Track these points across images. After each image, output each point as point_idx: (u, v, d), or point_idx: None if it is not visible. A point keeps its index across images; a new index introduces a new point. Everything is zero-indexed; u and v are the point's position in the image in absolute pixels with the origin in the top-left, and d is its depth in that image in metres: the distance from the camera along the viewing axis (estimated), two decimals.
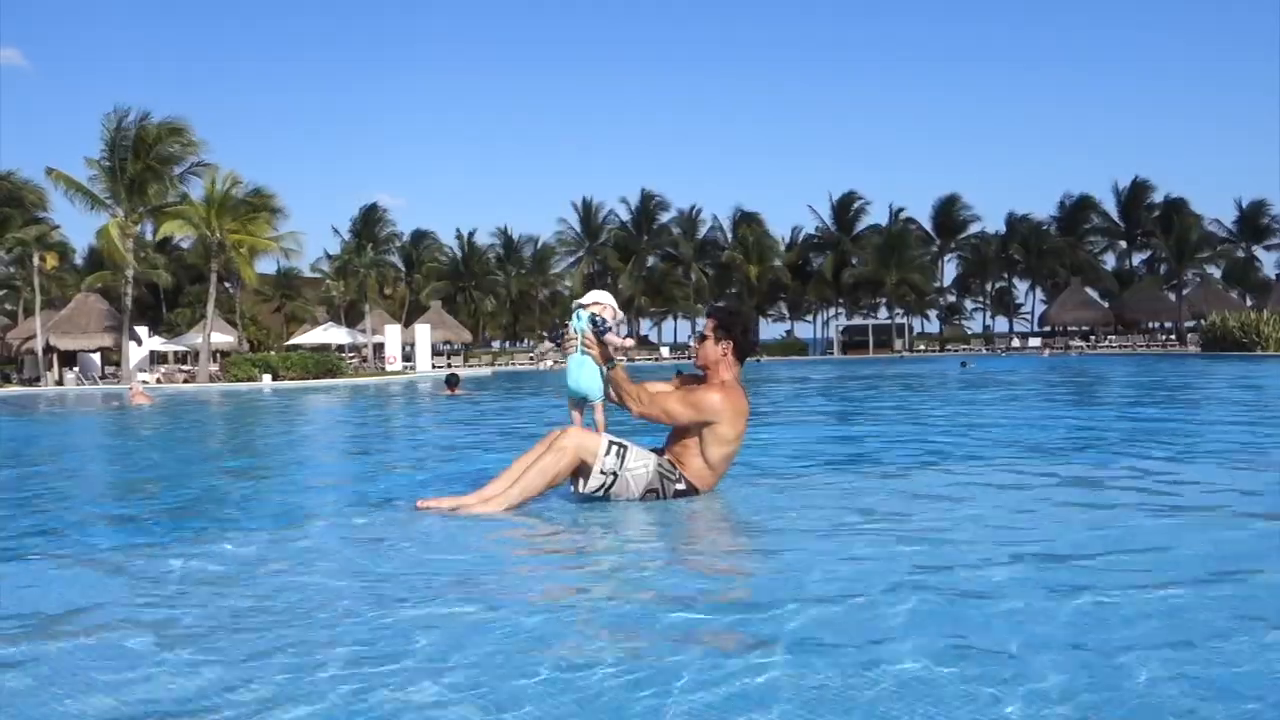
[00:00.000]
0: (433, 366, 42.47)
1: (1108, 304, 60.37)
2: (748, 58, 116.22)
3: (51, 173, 35.63)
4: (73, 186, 35.35)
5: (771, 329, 69.76)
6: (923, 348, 61.34)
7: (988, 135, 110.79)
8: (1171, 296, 59.45)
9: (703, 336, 4.59)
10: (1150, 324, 59.62)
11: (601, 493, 4.37)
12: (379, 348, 45.27)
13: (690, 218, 65.50)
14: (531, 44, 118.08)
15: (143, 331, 40.92)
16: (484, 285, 63.71)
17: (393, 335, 43.03)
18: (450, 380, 19.11)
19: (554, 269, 65.60)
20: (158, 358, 44.37)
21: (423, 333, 43.81)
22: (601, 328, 4.43)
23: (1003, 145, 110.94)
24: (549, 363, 50.04)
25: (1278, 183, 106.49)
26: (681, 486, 4.44)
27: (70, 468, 7.90)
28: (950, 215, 65.49)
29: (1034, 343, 57.27)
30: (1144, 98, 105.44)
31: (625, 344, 4.47)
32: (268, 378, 31.96)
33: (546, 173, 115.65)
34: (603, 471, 4.33)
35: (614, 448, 4.35)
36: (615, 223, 66.17)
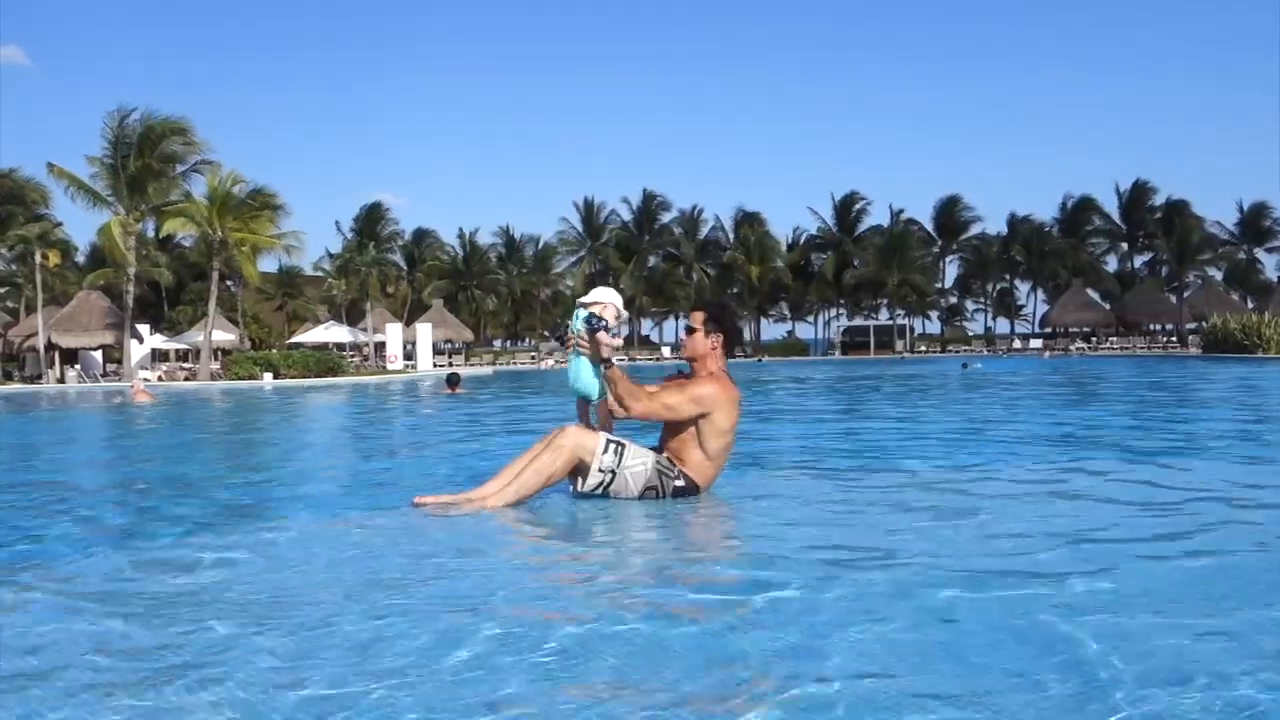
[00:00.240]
0: (434, 365, 42.49)
1: (1109, 306, 60.36)
2: (749, 58, 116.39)
3: (53, 169, 35.65)
4: (75, 184, 35.38)
5: (773, 329, 69.83)
6: (924, 349, 61.33)
7: (989, 136, 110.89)
8: (1173, 298, 59.42)
9: (690, 329, 4.59)
10: (1151, 326, 59.58)
11: (600, 491, 4.37)
12: (380, 346, 45.30)
13: (692, 218, 65.53)
14: (533, 44, 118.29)
15: (144, 329, 40.97)
16: (485, 284, 63.74)
17: (394, 334, 43.06)
18: (451, 379, 19.13)
19: (555, 268, 65.63)
20: (159, 355, 44.42)
21: (424, 331, 43.82)
22: (596, 326, 4.35)
23: (1004, 146, 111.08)
24: (550, 362, 50.06)
25: (1279, 185, 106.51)
26: (680, 483, 4.43)
27: (71, 466, 7.92)
28: (952, 216, 65.48)
29: (1035, 344, 57.24)
30: (1145, 99, 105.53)
31: (613, 343, 4.37)
32: (269, 376, 31.99)
33: (548, 172, 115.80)
34: (601, 469, 4.33)
35: (612, 445, 4.35)
36: (617, 222, 66.20)
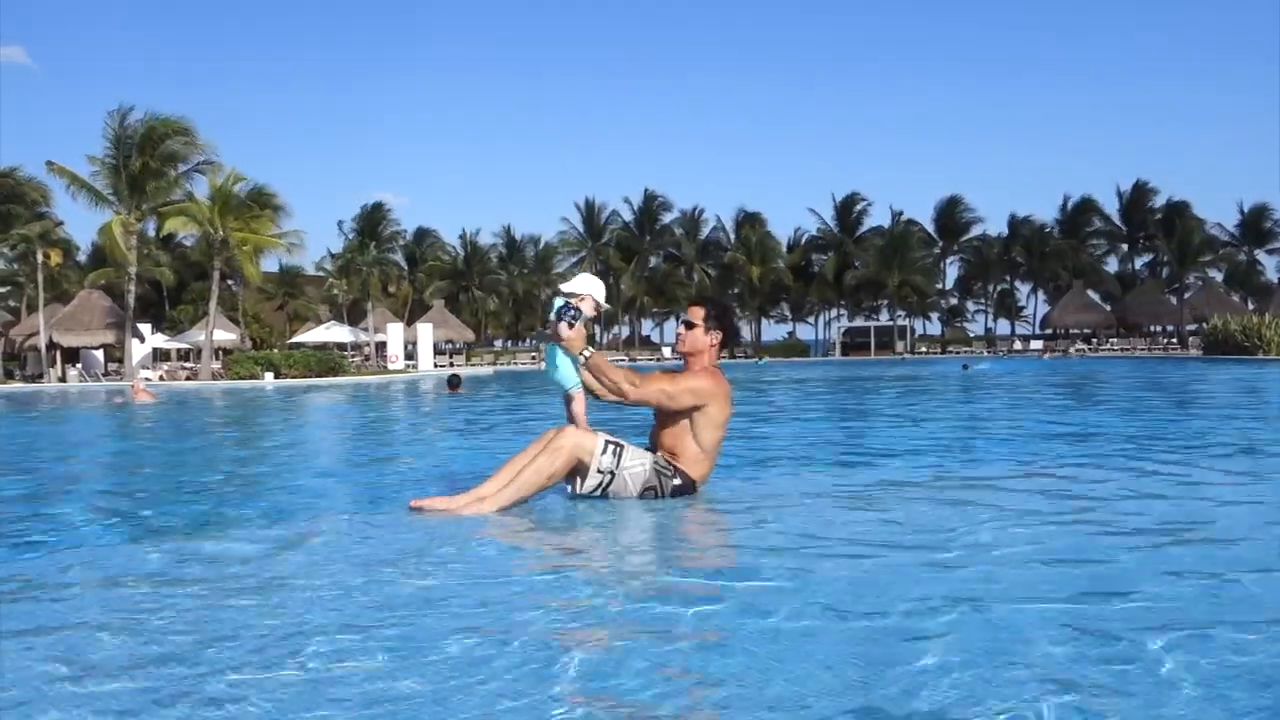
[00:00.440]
0: (435, 365, 42.50)
1: (1109, 307, 60.34)
2: (750, 58, 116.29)
3: (52, 166, 35.59)
4: (75, 182, 35.35)
5: (773, 330, 69.80)
6: (924, 350, 61.32)
7: (989, 137, 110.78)
8: (1173, 300, 59.38)
9: (690, 324, 4.58)
10: (1152, 327, 59.56)
11: (599, 492, 4.36)
12: (381, 346, 45.31)
13: (693, 218, 65.54)
14: (534, 44, 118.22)
15: (145, 329, 40.99)
16: (486, 285, 63.75)
17: (395, 334, 43.06)
18: (452, 381, 19.15)
19: (557, 269, 65.64)
20: (160, 355, 44.44)
21: (425, 332, 43.82)
22: (563, 316, 4.25)
23: (1004, 147, 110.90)
24: None
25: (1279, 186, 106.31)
26: (678, 482, 4.43)
27: (69, 465, 7.92)
28: (952, 217, 65.45)
29: (1035, 345, 57.24)
30: (1145, 100, 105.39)
31: (570, 334, 4.26)
32: (270, 376, 32.02)
33: (549, 172, 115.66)
34: (599, 471, 4.31)
35: (610, 446, 4.33)
36: (618, 223, 66.22)
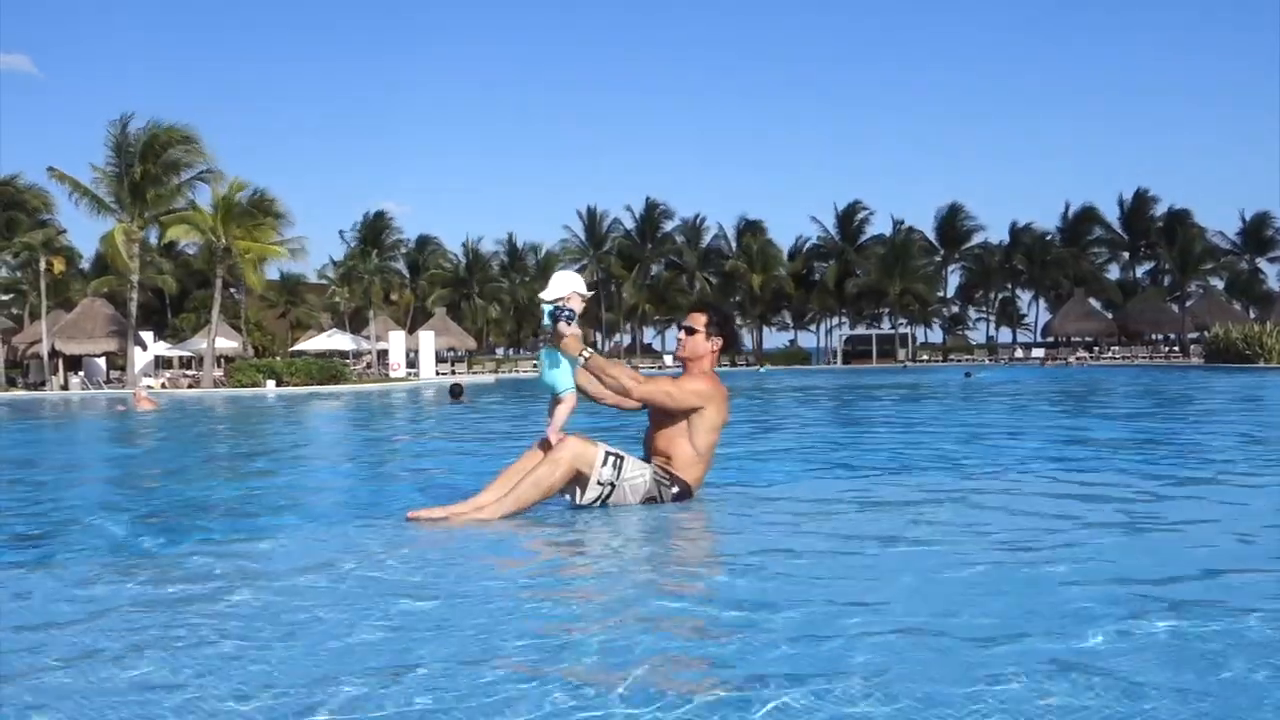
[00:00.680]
0: (437, 373, 42.52)
1: (1111, 315, 60.34)
2: (752, 67, 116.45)
3: (54, 172, 35.64)
4: (78, 189, 35.40)
5: (775, 338, 69.82)
6: (925, 358, 61.33)
7: (991, 145, 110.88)
8: (1175, 308, 59.41)
9: (691, 330, 4.61)
10: (1153, 335, 59.56)
11: (599, 504, 4.36)
12: (383, 354, 45.34)
13: (694, 226, 65.63)
14: (536, 53, 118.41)
15: (148, 336, 41.05)
16: (488, 292, 63.81)
17: (397, 342, 43.09)
18: (454, 389, 19.18)
19: None
20: (162, 363, 44.50)
21: (427, 339, 43.84)
22: (559, 317, 4.25)
23: (1006, 155, 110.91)
24: None
25: None
26: (676, 490, 4.44)
27: (69, 472, 7.93)
28: (953, 225, 65.49)
29: (1037, 353, 57.28)
30: (1146, 109, 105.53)
31: (572, 331, 4.28)
32: (272, 383, 32.04)
33: (551, 181, 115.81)
34: (599, 483, 4.31)
35: (611, 459, 4.33)
36: (620, 231, 66.30)
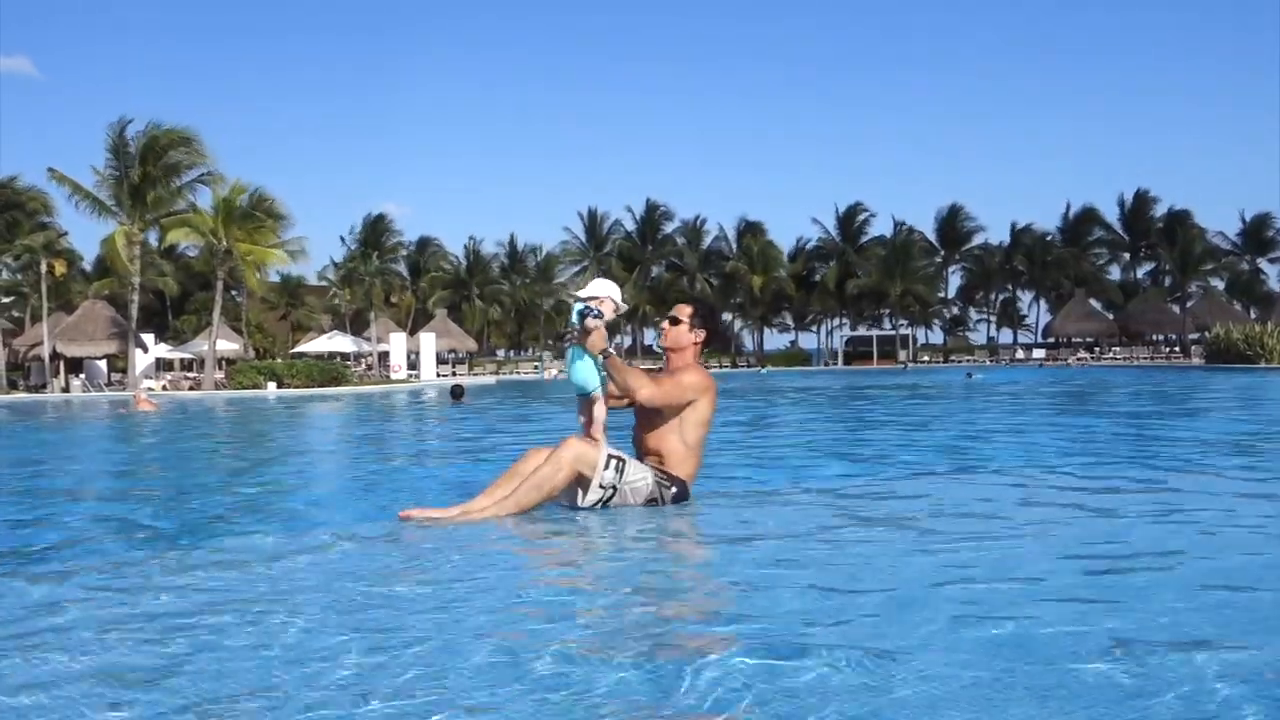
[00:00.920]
0: (438, 375, 42.54)
1: (1112, 316, 60.35)
2: (752, 68, 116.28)
3: (54, 174, 35.63)
4: (78, 191, 35.37)
5: (776, 339, 69.85)
6: (926, 359, 61.34)
7: (991, 146, 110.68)
8: (1175, 309, 59.42)
9: (676, 320, 4.62)
10: (1154, 336, 59.57)
11: (600, 507, 4.36)
12: (384, 356, 45.37)
13: (695, 228, 65.66)
14: (536, 55, 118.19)
15: (149, 339, 41.08)
16: (488, 294, 63.85)
17: (398, 343, 43.13)
18: (455, 391, 19.20)
19: (559, 278, 65.76)
20: (164, 365, 44.53)
21: (428, 341, 43.87)
22: (590, 314, 4.29)
23: (1006, 156, 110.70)
24: (553, 372, 50.13)
25: None
26: (675, 489, 4.45)
27: (67, 475, 7.91)
28: (954, 226, 65.53)
29: (1038, 354, 57.32)
30: (1147, 109, 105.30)
31: (596, 324, 4.29)
32: (272, 385, 32.07)
33: (552, 182, 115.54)
34: (601, 486, 4.31)
35: (613, 461, 4.32)
36: (620, 232, 66.38)
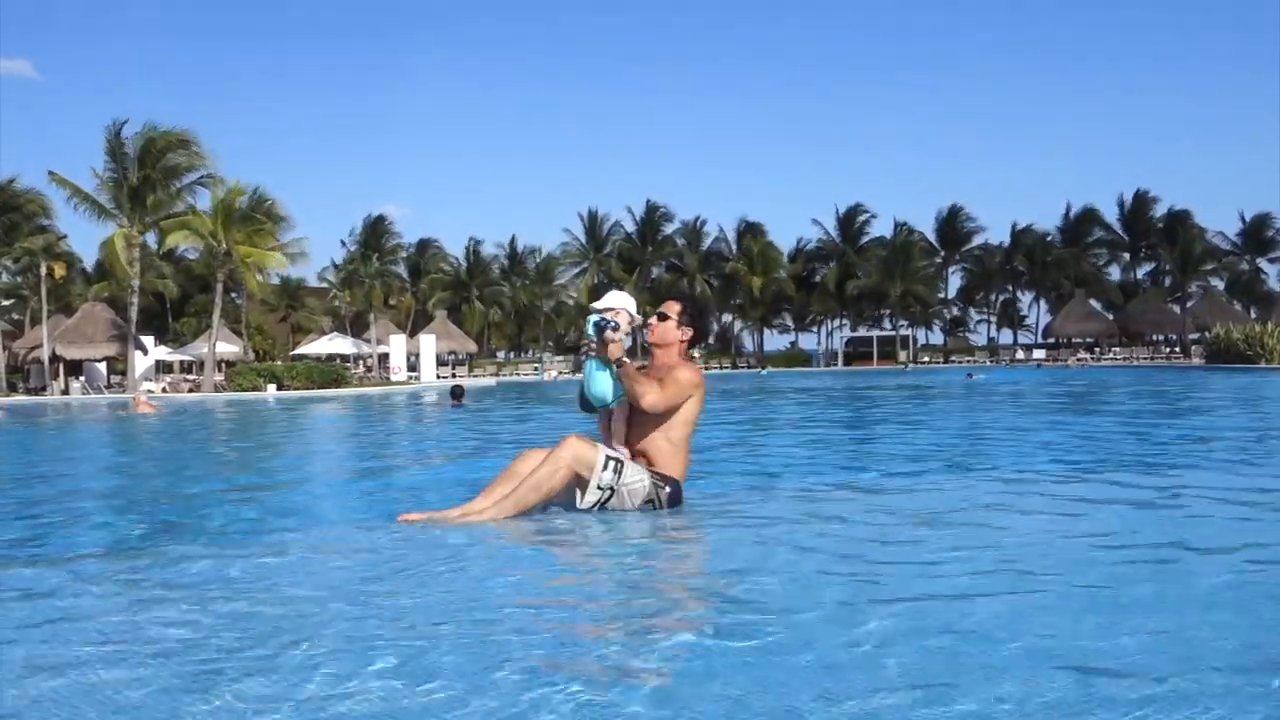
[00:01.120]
0: (438, 377, 42.54)
1: (1112, 316, 60.34)
2: (752, 69, 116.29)
3: (53, 177, 35.65)
4: (78, 194, 35.39)
5: (776, 340, 69.84)
6: (926, 359, 61.34)
7: (991, 147, 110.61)
8: (1176, 309, 59.43)
9: (664, 316, 4.59)
10: (1154, 336, 59.57)
11: (597, 508, 4.36)
12: (384, 358, 45.38)
13: (695, 229, 65.62)
14: (537, 56, 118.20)
15: (148, 341, 41.09)
16: (488, 296, 63.84)
17: (398, 345, 43.14)
18: (455, 391, 19.19)
19: (559, 279, 65.76)
20: (163, 367, 44.53)
21: (428, 343, 43.88)
22: (604, 326, 4.34)
23: (1006, 156, 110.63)
24: (553, 374, 50.21)
25: None
26: (669, 490, 4.44)
27: (64, 477, 7.90)
28: (954, 226, 65.49)
29: (1038, 354, 57.35)
30: (1146, 109, 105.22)
31: (616, 336, 4.34)
32: (272, 387, 32.07)
33: (552, 183, 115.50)
34: (599, 487, 4.31)
35: (611, 463, 4.32)
36: (620, 234, 66.35)
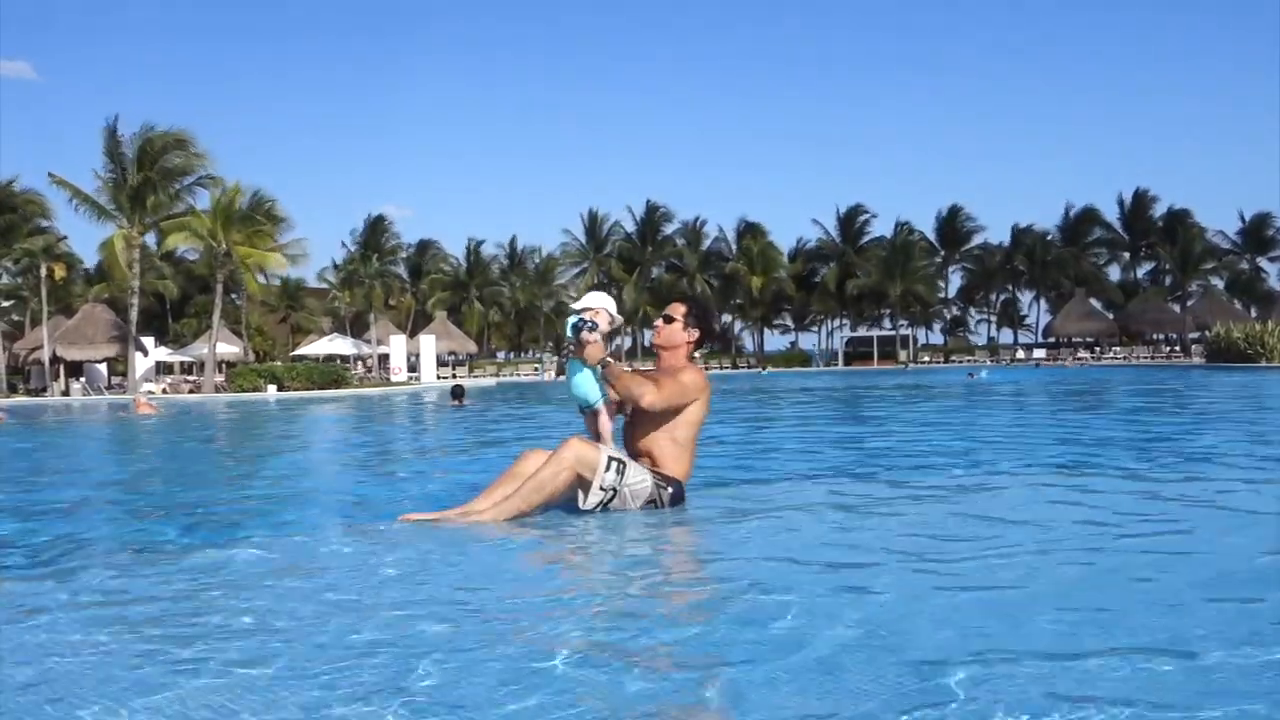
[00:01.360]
0: (438, 377, 42.53)
1: (1112, 315, 60.32)
2: (753, 69, 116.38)
3: (53, 178, 35.64)
4: (78, 195, 35.40)
5: (776, 340, 69.84)
6: (927, 359, 61.33)
7: (991, 146, 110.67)
8: (1176, 308, 59.42)
9: (669, 318, 4.61)
10: (1154, 335, 59.55)
11: (600, 509, 4.36)
12: (384, 358, 45.38)
13: (694, 229, 65.62)
14: (537, 56, 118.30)
15: (149, 342, 41.08)
16: (488, 296, 63.85)
17: (398, 346, 43.13)
18: (456, 392, 19.19)
19: (559, 280, 65.76)
20: (164, 368, 44.53)
21: (428, 343, 43.87)
22: (582, 327, 4.32)
23: (1006, 156, 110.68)
24: (553, 374, 50.19)
25: None
26: (672, 490, 4.45)
27: (64, 478, 7.89)
28: (954, 226, 65.49)
29: (1038, 354, 57.34)
30: (1146, 109, 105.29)
31: (592, 337, 4.32)
32: (273, 388, 32.06)
33: (552, 183, 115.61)
34: (602, 488, 4.30)
35: (614, 463, 4.31)
36: (620, 234, 66.34)
